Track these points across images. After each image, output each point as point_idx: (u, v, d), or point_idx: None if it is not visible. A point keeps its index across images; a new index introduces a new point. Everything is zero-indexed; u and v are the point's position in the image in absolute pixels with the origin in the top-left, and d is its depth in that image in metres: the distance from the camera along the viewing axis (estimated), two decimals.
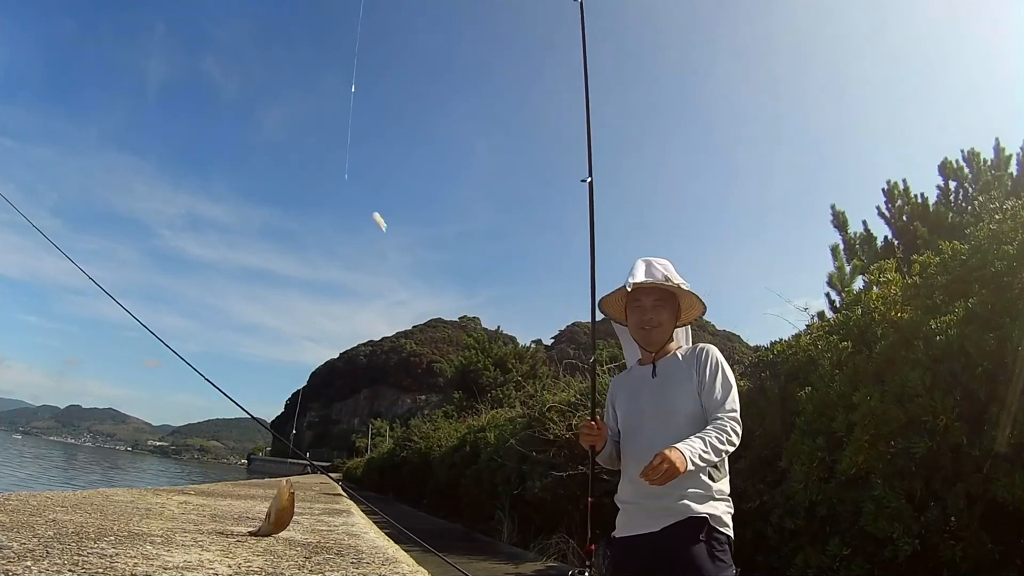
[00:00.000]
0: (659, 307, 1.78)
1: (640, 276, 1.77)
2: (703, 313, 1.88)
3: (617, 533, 1.77)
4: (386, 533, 4.70)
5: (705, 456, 1.52)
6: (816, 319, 5.30)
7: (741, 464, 3.64)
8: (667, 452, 1.46)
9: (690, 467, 1.48)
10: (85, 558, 1.71)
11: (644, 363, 1.85)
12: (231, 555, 2.13)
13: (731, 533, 1.64)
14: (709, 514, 1.60)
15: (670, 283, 1.76)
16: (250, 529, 3.17)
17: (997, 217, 2.95)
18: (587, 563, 1.73)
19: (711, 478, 1.66)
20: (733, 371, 1.76)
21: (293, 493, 3.04)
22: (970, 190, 6.33)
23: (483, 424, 10.31)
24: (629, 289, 1.76)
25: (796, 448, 3.09)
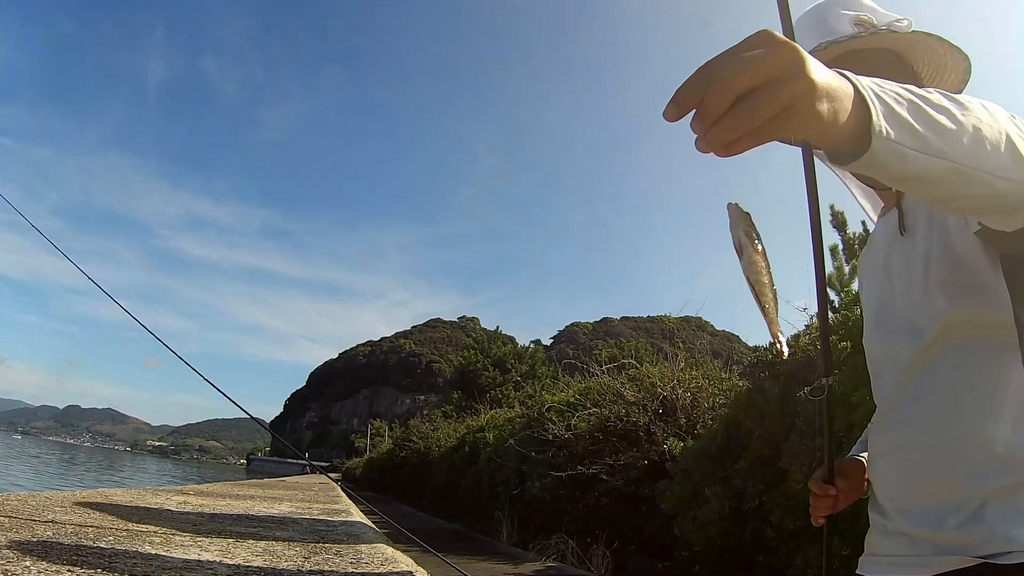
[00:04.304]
0: None
1: (811, 36, 0.91)
2: (967, 78, 0.93)
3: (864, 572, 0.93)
4: (385, 533, 4.70)
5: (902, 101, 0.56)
6: (815, 319, 5.31)
7: (741, 464, 3.64)
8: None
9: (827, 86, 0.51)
10: (84, 558, 1.71)
11: (886, 211, 0.98)
12: (230, 555, 2.13)
13: None
14: None
15: (875, 27, 0.90)
16: None
17: None
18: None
19: None
20: (732, 371, 1.21)
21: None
22: None
23: (482, 424, 10.32)
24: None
25: (796, 448, 3.09)
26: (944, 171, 0.58)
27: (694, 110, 0.49)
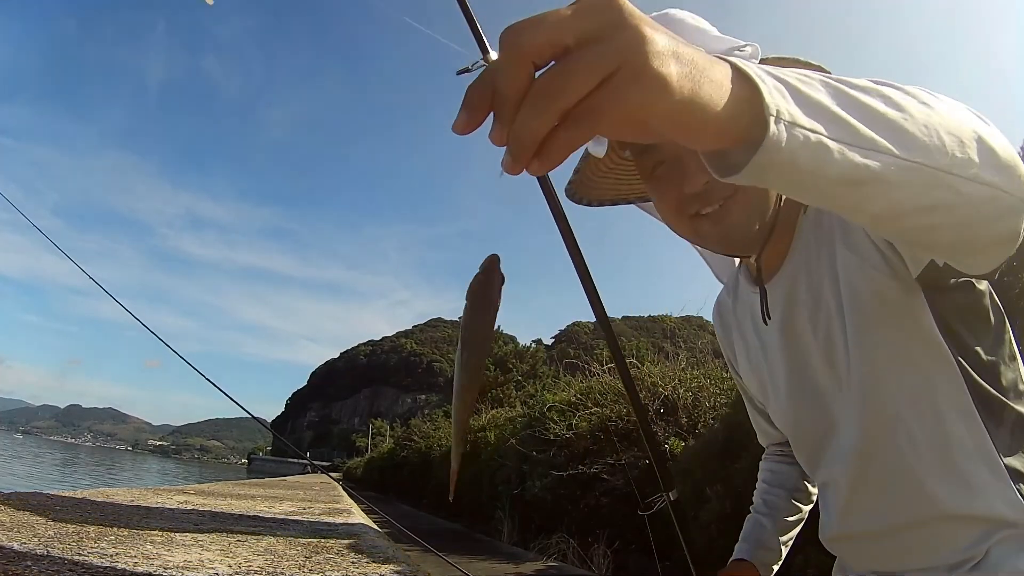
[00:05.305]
0: None
1: None
2: None
3: None
4: (386, 533, 4.70)
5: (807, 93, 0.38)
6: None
7: (741, 464, 3.64)
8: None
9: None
10: (85, 558, 1.71)
11: (753, 277, 0.85)
12: (231, 555, 2.14)
13: None
14: None
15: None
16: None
17: None
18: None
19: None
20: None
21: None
22: None
23: (483, 424, 10.32)
24: None
25: None
26: (889, 170, 0.39)
27: (491, 112, 0.34)
